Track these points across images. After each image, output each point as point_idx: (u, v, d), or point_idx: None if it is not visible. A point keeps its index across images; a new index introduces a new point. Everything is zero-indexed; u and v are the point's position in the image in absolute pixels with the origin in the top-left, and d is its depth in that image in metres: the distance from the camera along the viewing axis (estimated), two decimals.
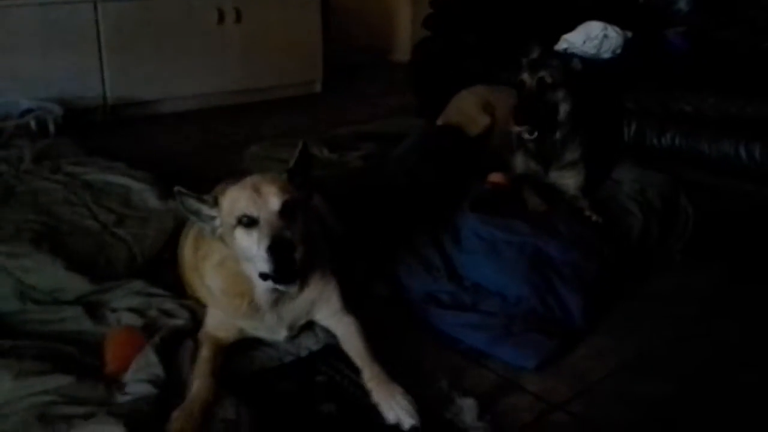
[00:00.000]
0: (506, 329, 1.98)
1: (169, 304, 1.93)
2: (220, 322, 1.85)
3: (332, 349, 1.90)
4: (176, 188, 1.73)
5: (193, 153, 3.76)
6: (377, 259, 2.27)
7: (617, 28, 3.37)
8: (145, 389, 1.60)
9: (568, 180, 2.64)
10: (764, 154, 2.58)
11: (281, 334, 1.89)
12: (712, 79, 2.92)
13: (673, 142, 2.88)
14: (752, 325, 2.16)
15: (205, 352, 1.77)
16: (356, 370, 1.80)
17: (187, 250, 2.01)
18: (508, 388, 1.82)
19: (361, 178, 2.77)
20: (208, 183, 2.15)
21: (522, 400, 1.78)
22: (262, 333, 1.89)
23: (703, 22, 3.56)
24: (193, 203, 1.75)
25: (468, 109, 3.13)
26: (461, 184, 2.47)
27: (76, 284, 2.02)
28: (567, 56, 2.77)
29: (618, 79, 3.11)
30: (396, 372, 1.80)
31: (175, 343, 1.78)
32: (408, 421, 1.63)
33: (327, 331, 1.94)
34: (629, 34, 3.42)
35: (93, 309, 1.93)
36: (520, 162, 2.69)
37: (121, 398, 1.59)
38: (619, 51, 3.36)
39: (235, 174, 2.00)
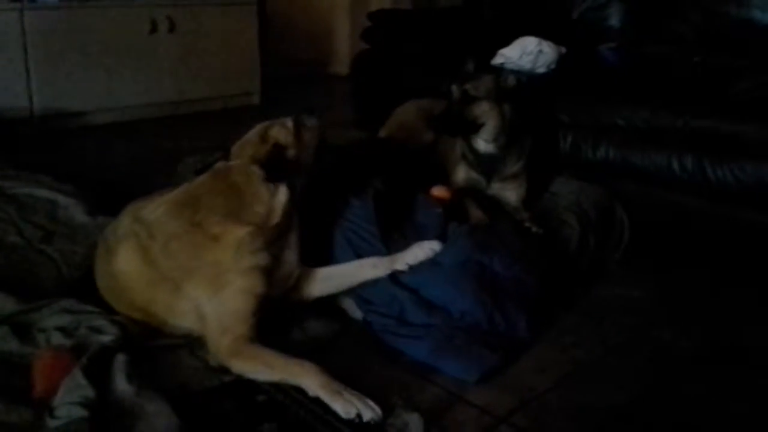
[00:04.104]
0: (449, 341, 1.97)
1: (99, 321, 1.85)
2: (253, 294, 1.85)
3: None
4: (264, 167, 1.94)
5: (124, 166, 3.65)
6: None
7: (552, 44, 3.43)
8: (76, 412, 1.52)
9: (510, 192, 2.66)
10: (696, 166, 2.65)
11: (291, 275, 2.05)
12: (644, 93, 2.99)
13: (607, 155, 2.93)
14: (691, 332, 2.20)
15: (271, 352, 1.79)
16: (299, 388, 1.76)
17: (134, 268, 1.93)
18: (453, 401, 1.81)
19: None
20: (140, 196, 2.10)
21: (467, 413, 1.77)
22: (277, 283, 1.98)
23: (635, 38, 3.67)
24: None
25: (411, 122, 3.13)
26: (405, 197, 2.45)
27: (2, 304, 1.91)
28: (504, 73, 2.80)
29: (553, 93, 3.16)
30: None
31: (106, 360, 1.69)
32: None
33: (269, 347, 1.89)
34: (563, 49, 3.49)
35: (20, 329, 1.83)
36: (462, 173, 2.70)
37: (51, 422, 1.51)
38: (553, 66, 3.42)
39: (168, 186, 1.95)
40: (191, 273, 1.86)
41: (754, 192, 2.53)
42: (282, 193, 1.96)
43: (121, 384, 1.62)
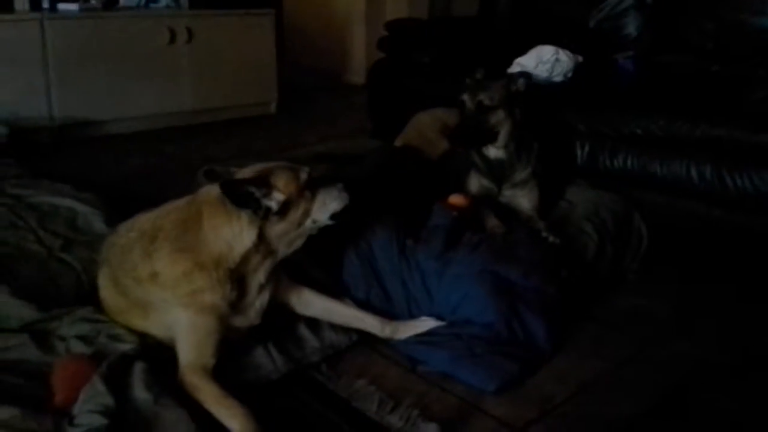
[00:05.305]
0: (469, 350, 1.97)
1: (118, 329, 1.86)
2: (206, 331, 1.77)
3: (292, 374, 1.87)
4: (223, 181, 1.75)
5: (143, 175, 3.68)
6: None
7: (568, 53, 3.42)
8: (95, 420, 1.53)
9: (522, 199, 2.65)
10: (715, 174, 2.64)
11: (257, 317, 1.91)
12: (662, 102, 2.98)
13: (625, 164, 2.92)
14: (710, 343, 2.18)
15: (213, 389, 1.69)
16: (319, 398, 1.76)
17: (108, 295, 1.93)
18: (471, 412, 1.80)
19: None
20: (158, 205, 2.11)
21: (484, 424, 1.76)
22: (240, 320, 1.87)
23: (652, 47, 3.65)
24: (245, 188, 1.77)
25: (427, 131, 3.14)
26: (422, 206, 2.46)
27: (22, 312, 1.93)
28: (515, 75, 2.79)
29: (570, 102, 3.15)
30: (358, 395, 1.81)
31: (125, 368, 1.70)
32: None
33: (284, 354, 1.91)
34: (580, 58, 3.47)
35: (40, 337, 1.84)
36: (473, 181, 2.70)
37: (70, 430, 1.52)
38: (570, 75, 3.41)
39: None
40: (148, 305, 1.84)
41: None
42: (247, 236, 1.79)
43: (140, 392, 1.63)
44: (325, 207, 1.93)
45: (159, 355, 1.79)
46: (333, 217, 1.96)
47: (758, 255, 2.61)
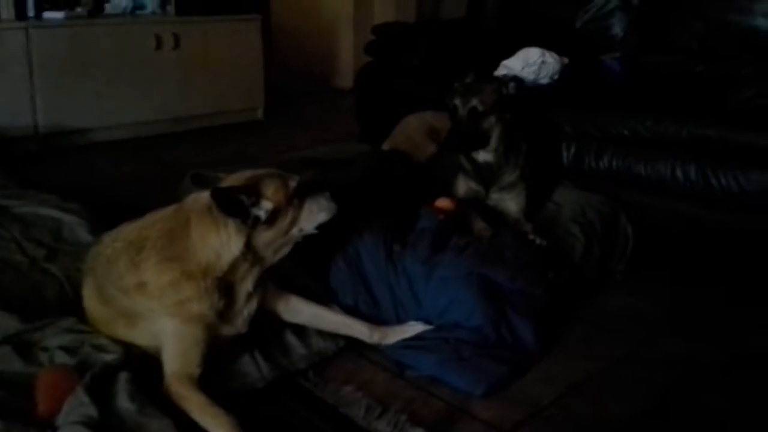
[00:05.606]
0: (456, 354, 1.97)
1: (102, 339, 1.84)
2: (192, 340, 1.76)
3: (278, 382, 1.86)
4: (213, 189, 1.73)
5: (130, 183, 3.66)
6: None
7: (555, 54, 3.43)
8: (79, 431, 1.52)
9: (509, 202, 2.66)
10: (700, 175, 2.65)
11: (245, 325, 1.89)
12: (647, 103, 2.99)
13: (611, 165, 2.93)
14: (700, 342, 2.18)
15: (199, 398, 1.68)
16: (306, 404, 1.76)
17: (93, 305, 1.91)
18: (458, 416, 1.79)
19: None
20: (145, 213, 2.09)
21: (472, 427, 1.76)
22: (227, 329, 1.85)
23: (638, 47, 3.66)
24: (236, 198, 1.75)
25: (414, 135, 3.13)
26: (409, 210, 2.45)
27: (5, 323, 1.90)
28: (504, 79, 2.79)
29: (556, 103, 3.16)
30: (345, 401, 1.80)
31: (108, 379, 1.68)
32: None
33: (271, 361, 1.90)
34: (566, 59, 3.48)
35: (23, 349, 1.82)
36: (461, 184, 2.70)
37: None
38: (556, 76, 3.41)
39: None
40: (134, 315, 1.82)
41: (759, 200, 2.52)
42: (234, 244, 1.78)
43: (124, 402, 1.62)
44: (313, 216, 1.92)
45: (143, 364, 1.77)
46: (318, 226, 1.95)
47: (743, 253, 2.62)
